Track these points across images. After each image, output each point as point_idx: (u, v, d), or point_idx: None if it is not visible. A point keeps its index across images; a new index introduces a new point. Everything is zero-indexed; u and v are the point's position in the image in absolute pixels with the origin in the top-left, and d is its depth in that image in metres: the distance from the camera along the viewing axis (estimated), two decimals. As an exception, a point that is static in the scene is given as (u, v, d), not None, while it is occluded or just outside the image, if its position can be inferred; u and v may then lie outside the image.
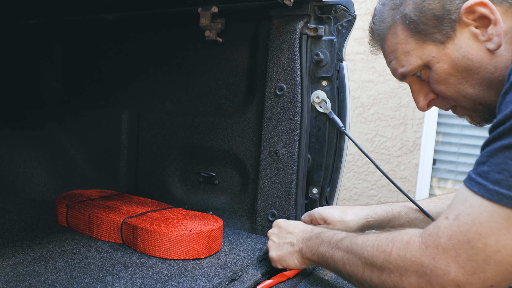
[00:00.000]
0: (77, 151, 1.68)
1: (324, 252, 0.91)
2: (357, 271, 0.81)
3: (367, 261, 0.79)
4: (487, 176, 0.65)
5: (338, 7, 1.18)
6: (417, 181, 2.89)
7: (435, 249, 0.68)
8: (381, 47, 0.94)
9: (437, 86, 0.85)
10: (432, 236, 0.69)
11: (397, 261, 0.73)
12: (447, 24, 0.79)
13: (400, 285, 0.73)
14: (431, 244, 0.69)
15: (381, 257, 0.76)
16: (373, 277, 0.78)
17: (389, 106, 2.93)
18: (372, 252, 0.78)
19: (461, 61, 0.80)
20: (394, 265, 0.73)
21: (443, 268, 0.66)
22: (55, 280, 0.90)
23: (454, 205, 0.69)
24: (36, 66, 1.77)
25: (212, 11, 1.28)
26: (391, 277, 0.74)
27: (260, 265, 1.10)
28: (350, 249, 0.83)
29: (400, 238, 0.75)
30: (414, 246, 0.71)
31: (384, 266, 0.75)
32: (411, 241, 0.72)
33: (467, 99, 0.84)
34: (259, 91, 1.31)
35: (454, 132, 2.83)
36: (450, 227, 0.67)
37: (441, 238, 0.67)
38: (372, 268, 0.77)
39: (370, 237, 0.81)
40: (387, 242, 0.76)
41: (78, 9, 1.48)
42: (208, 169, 1.43)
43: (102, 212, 1.20)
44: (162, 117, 1.50)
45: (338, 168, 1.22)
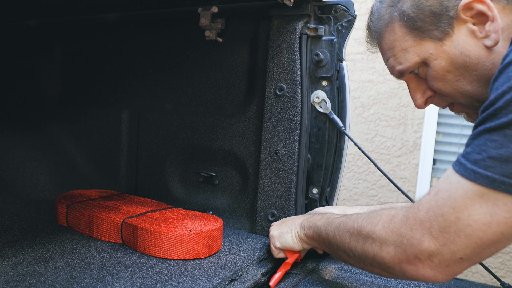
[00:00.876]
0: (77, 151, 1.68)
1: (320, 226, 0.95)
2: (344, 241, 0.85)
3: (354, 231, 0.83)
4: (468, 156, 0.68)
5: (338, 7, 1.18)
6: (417, 181, 2.89)
7: (414, 220, 0.72)
8: (379, 44, 0.94)
9: (435, 83, 0.85)
10: (413, 208, 0.73)
11: (380, 231, 0.77)
12: (445, 21, 0.79)
13: (379, 255, 0.77)
14: (411, 216, 0.73)
15: (367, 227, 0.80)
16: (357, 246, 0.82)
17: (389, 106, 2.93)
18: (361, 223, 0.82)
19: (458, 57, 0.80)
20: (377, 235, 0.77)
21: (418, 238, 0.71)
22: (55, 280, 0.90)
23: (438, 182, 0.73)
24: (36, 66, 1.77)
25: (212, 11, 1.28)
26: (372, 247, 0.78)
27: (260, 265, 1.10)
28: (343, 222, 0.87)
29: (388, 212, 0.79)
30: (398, 218, 0.75)
31: (368, 235, 0.79)
32: (396, 214, 0.76)
33: (464, 96, 0.84)
34: (259, 91, 1.31)
35: (454, 132, 2.83)
36: (429, 201, 0.71)
37: (420, 211, 0.71)
38: (358, 237, 0.82)
39: (363, 213, 0.85)
40: (376, 215, 0.80)
41: (78, 9, 1.48)
42: (208, 169, 1.43)
43: (102, 212, 1.20)
44: (162, 117, 1.50)
45: (338, 168, 1.22)
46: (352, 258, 0.85)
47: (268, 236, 1.26)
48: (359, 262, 0.84)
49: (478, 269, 2.79)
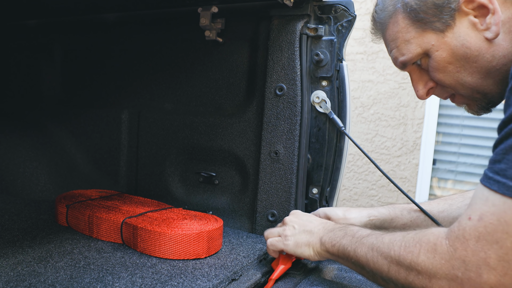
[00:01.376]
0: (77, 151, 1.68)
1: (346, 246, 0.88)
2: (382, 269, 0.80)
3: (393, 261, 0.77)
4: (505, 173, 0.65)
5: (338, 7, 1.18)
6: (417, 181, 2.89)
7: (464, 251, 0.67)
8: (383, 36, 0.95)
9: (436, 74, 0.86)
10: (459, 238, 0.68)
11: (425, 263, 0.72)
12: (447, 13, 0.81)
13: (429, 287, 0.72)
14: (460, 247, 0.68)
15: (408, 257, 0.75)
16: (399, 277, 0.76)
17: (389, 106, 2.93)
18: (399, 252, 0.76)
19: (459, 49, 0.81)
20: (422, 267, 0.72)
21: (475, 271, 0.66)
22: (55, 280, 0.90)
23: (475, 205, 0.69)
24: (36, 66, 1.77)
25: (212, 11, 1.28)
26: (419, 279, 0.73)
27: (260, 265, 1.10)
28: (376, 246, 0.81)
29: (427, 239, 0.74)
30: (442, 249, 0.70)
31: (411, 267, 0.74)
32: (439, 243, 0.71)
33: (465, 87, 0.85)
34: (259, 91, 1.31)
35: (454, 132, 2.83)
36: (476, 228, 0.66)
37: (469, 240, 0.67)
38: (399, 268, 0.76)
39: (397, 237, 0.80)
40: (415, 243, 0.75)
41: (78, 9, 1.48)
42: (208, 169, 1.43)
43: (102, 212, 1.20)
44: (162, 117, 1.50)
45: (338, 168, 1.22)
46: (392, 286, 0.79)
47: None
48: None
49: (478, 269, 2.79)
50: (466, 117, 2.78)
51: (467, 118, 2.78)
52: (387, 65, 2.91)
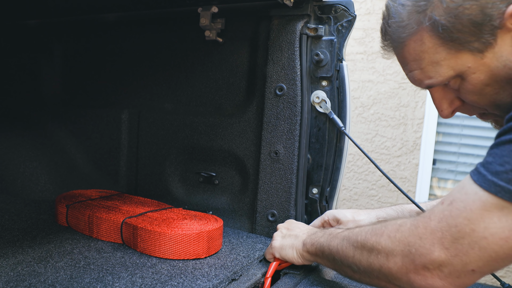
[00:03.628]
0: (77, 151, 1.68)
1: (322, 242, 0.91)
2: (348, 255, 0.82)
3: (358, 245, 0.80)
4: (489, 166, 0.66)
5: (338, 7, 1.18)
6: (417, 181, 2.89)
7: (424, 229, 0.70)
8: (398, 52, 0.84)
9: (470, 96, 0.78)
10: (424, 218, 0.71)
11: (386, 241, 0.75)
12: (488, 31, 0.70)
13: (385, 266, 0.74)
14: (421, 225, 0.70)
15: (372, 239, 0.77)
16: (362, 259, 0.79)
17: (389, 106, 2.93)
18: (365, 236, 0.79)
19: (501, 70, 0.72)
20: (383, 246, 0.75)
21: (428, 247, 0.68)
22: (55, 280, 0.90)
23: (452, 191, 0.71)
24: (36, 66, 1.77)
25: (212, 11, 1.28)
26: (378, 258, 0.76)
27: (260, 265, 1.10)
28: (347, 236, 0.85)
29: (394, 222, 0.77)
30: (405, 227, 0.73)
31: (373, 247, 0.77)
32: (403, 223, 0.74)
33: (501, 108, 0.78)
34: (259, 91, 1.31)
35: (454, 132, 2.83)
36: (442, 211, 0.69)
37: (432, 220, 0.69)
38: (362, 250, 0.79)
39: (367, 227, 0.83)
40: (381, 227, 0.78)
41: (78, 9, 1.48)
42: (208, 169, 1.43)
43: (102, 212, 1.20)
44: (162, 117, 1.50)
45: (338, 168, 1.22)
46: (357, 273, 0.82)
47: (268, 237, 1.26)
48: (365, 276, 0.81)
49: (478, 269, 2.79)
50: (466, 117, 2.78)
51: (467, 118, 2.78)
52: (387, 65, 2.91)
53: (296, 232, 1.04)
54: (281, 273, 1.10)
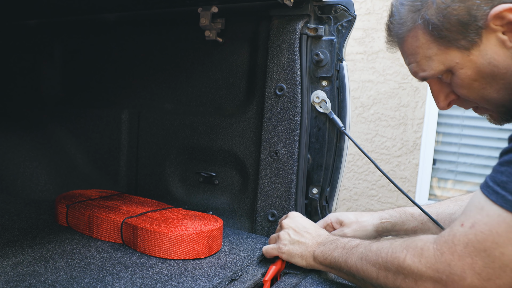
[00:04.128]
0: (77, 151, 1.68)
1: (337, 258, 0.92)
2: (371, 276, 0.83)
3: (381, 267, 0.81)
4: (505, 186, 0.66)
5: (338, 7, 1.18)
6: (417, 181, 2.89)
7: (451, 255, 0.70)
8: (400, 47, 0.91)
9: (460, 90, 0.83)
10: (447, 243, 0.71)
11: (411, 267, 0.75)
12: (473, 31, 0.76)
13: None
14: (447, 251, 0.70)
15: (395, 262, 0.78)
16: (387, 282, 0.80)
17: (389, 106, 2.93)
18: (386, 258, 0.80)
19: (486, 67, 0.77)
20: (409, 271, 0.75)
21: (459, 274, 0.68)
22: (55, 280, 0.90)
23: (469, 212, 0.71)
24: (36, 66, 1.77)
25: (212, 11, 1.28)
26: (406, 282, 0.76)
27: (260, 265, 1.10)
28: (365, 255, 0.85)
29: (414, 245, 0.76)
30: (429, 253, 0.73)
31: (398, 271, 0.77)
32: (425, 247, 0.74)
33: (490, 102, 0.82)
34: (259, 91, 1.31)
35: (454, 132, 2.83)
36: (466, 235, 0.69)
37: (457, 246, 0.69)
38: (387, 273, 0.79)
39: (384, 244, 0.83)
40: (401, 249, 0.78)
41: (78, 9, 1.48)
42: (208, 169, 1.43)
43: (102, 212, 1.20)
44: (162, 117, 1.50)
45: (338, 168, 1.22)
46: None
47: (268, 236, 1.26)
48: None
49: (478, 269, 2.79)
50: (466, 117, 2.78)
51: (467, 118, 2.78)
52: (387, 65, 2.92)
53: (305, 239, 1.02)
54: (281, 273, 1.11)
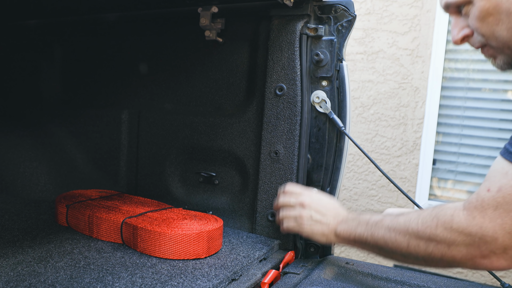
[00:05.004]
0: (77, 151, 1.68)
1: (362, 233, 0.96)
2: (401, 246, 0.86)
3: (412, 236, 0.84)
4: None
5: (338, 7, 1.18)
6: (417, 181, 2.89)
7: (482, 218, 0.75)
8: None
9: (475, 22, 0.87)
10: (477, 208, 0.76)
11: (443, 233, 0.79)
12: None
13: (448, 254, 0.79)
14: (478, 215, 0.75)
15: (427, 231, 0.81)
16: (419, 250, 0.83)
17: (389, 106, 2.93)
18: (417, 228, 0.83)
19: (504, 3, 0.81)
20: (441, 238, 0.79)
21: (491, 235, 0.74)
22: (55, 280, 0.90)
23: (494, 177, 0.75)
24: (36, 66, 1.77)
25: (212, 11, 1.28)
26: (438, 248, 0.80)
27: (260, 265, 1.10)
28: (393, 227, 0.88)
29: (443, 213, 0.80)
30: (460, 218, 0.77)
31: (430, 239, 0.81)
32: (456, 214, 0.78)
33: (498, 40, 0.86)
34: (259, 91, 1.31)
35: (454, 132, 2.83)
36: (494, 199, 0.74)
37: (487, 209, 0.74)
38: (418, 241, 0.83)
39: (412, 216, 0.86)
40: (431, 218, 0.82)
41: (78, 9, 1.48)
42: (208, 169, 1.43)
43: (102, 212, 1.20)
44: (162, 117, 1.50)
45: (338, 168, 1.22)
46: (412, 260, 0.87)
47: (268, 236, 1.26)
48: (421, 263, 0.86)
49: (478, 269, 2.79)
50: (466, 117, 2.78)
51: (467, 118, 2.78)
52: (387, 65, 2.92)
53: (326, 219, 1.06)
54: (281, 273, 1.11)
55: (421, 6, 2.81)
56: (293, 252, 1.22)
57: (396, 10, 2.87)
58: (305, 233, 1.08)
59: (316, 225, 1.07)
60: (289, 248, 1.24)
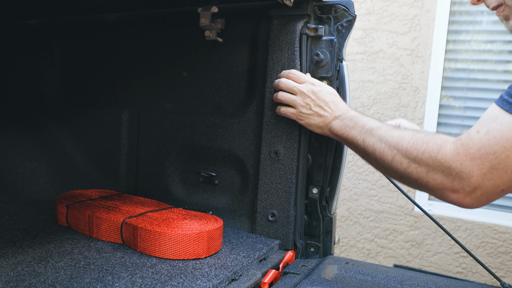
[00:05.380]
0: (77, 151, 1.68)
1: (355, 135, 1.01)
2: (386, 158, 0.92)
3: (399, 153, 0.89)
4: None
5: (338, 7, 1.18)
6: (417, 181, 2.88)
7: (464, 156, 0.79)
8: None
9: None
10: (463, 145, 0.80)
11: (428, 159, 0.84)
12: None
13: (423, 178, 0.85)
14: (462, 152, 0.79)
15: (413, 153, 0.86)
16: (399, 167, 0.89)
17: (389, 106, 2.93)
18: (406, 147, 0.88)
19: None
20: (425, 162, 0.84)
21: (467, 173, 0.78)
22: (55, 280, 0.90)
23: (485, 121, 0.80)
24: (36, 66, 1.77)
25: (212, 11, 1.28)
26: (417, 170, 0.86)
27: (260, 265, 1.10)
28: (385, 139, 0.93)
29: (434, 141, 0.85)
30: (446, 150, 0.82)
31: (414, 160, 0.86)
32: (444, 145, 0.83)
33: None
34: (259, 91, 1.31)
35: (454, 132, 2.83)
36: (480, 140, 0.78)
37: (471, 148, 0.78)
38: (402, 158, 0.88)
39: (406, 133, 0.91)
40: (422, 142, 0.86)
41: (78, 9, 1.48)
42: (208, 169, 1.43)
43: (102, 212, 1.20)
44: (162, 117, 1.50)
45: (338, 168, 1.22)
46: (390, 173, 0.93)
47: (268, 236, 1.26)
48: (397, 178, 0.92)
49: (478, 269, 2.79)
50: (466, 117, 2.79)
51: (467, 118, 2.78)
52: (387, 65, 2.92)
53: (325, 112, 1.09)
54: (281, 273, 1.11)
55: (421, 6, 2.81)
56: (293, 252, 1.22)
57: (396, 10, 2.87)
58: (301, 123, 1.13)
59: (313, 117, 1.10)
60: (289, 248, 1.24)
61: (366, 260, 3.04)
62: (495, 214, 2.76)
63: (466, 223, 2.78)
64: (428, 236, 2.89)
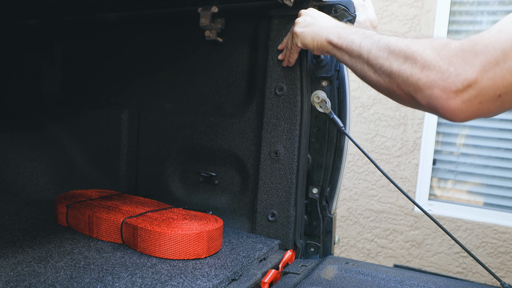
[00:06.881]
0: (77, 151, 1.68)
1: (354, 39, 0.92)
2: (380, 55, 0.83)
3: (396, 49, 0.80)
4: None
5: (338, 7, 1.18)
6: (417, 181, 2.89)
7: (469, 52, 0.70)
8: None
9: None
10: (470, 41, 0.71)
11: (428, 55, 0.74)
12: None
13: (415, 76, 0.75)
14: (467, 48, 0.70)
15: (413, 48, 0.77)
16: (393, 64, 0.80)
17: (389, 106, 2.93)
18: (407, 43, 0.79)
19: None
20: (423, 57, 0.75)
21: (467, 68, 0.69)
22: (55, 280, 0.90)
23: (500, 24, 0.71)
24: (36, 66, 1.77)
25: (212, 11, 1.28)
26: (411, 67, 0.76)
27: (260, 265, 1.10)
28: (385, 39, 0.84)
29: (439, 41, 0.76)
30: (452, 47, 0.73)
31: (411, 56, 0.77)
32: (450, 42, 0.74)
33: None
34: (259, 91, 1.31)
35: (454, 132, 2.83)
36: (489, 38, 0.69)
37: (478, 45, 0.70)
38: (398, 55, 0.79)
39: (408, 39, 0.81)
40: (425, 40, 0.77)
41: (78, 9, 1.48)
42: (208, 169, 1.43)
43: (102, 212, 1.20)
44: (162, 117, 1.50)
45: (338, 168, 1.22)
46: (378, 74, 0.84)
47: (268, 236, 1.26)
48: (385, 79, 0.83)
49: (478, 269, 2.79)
50: (466, 117, 2.78)
51: (467, 118, 2.78)
52: (387, 65, 2.91)
53: (320, 23, 1.04)
54: (281, 273, 1.11)
55: (421, 6, 2.81)
56: (293, 252, 1.22)
57: (396, 10, 2.87)
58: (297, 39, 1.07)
59: (308, 28, 1.05)
60: (289, 248, 1.24)
61: (366, 260, 3.05)
62: (495, 214, 2.76)
63: (466, 223, 2.78)
64: (428, 236, 2.89)
